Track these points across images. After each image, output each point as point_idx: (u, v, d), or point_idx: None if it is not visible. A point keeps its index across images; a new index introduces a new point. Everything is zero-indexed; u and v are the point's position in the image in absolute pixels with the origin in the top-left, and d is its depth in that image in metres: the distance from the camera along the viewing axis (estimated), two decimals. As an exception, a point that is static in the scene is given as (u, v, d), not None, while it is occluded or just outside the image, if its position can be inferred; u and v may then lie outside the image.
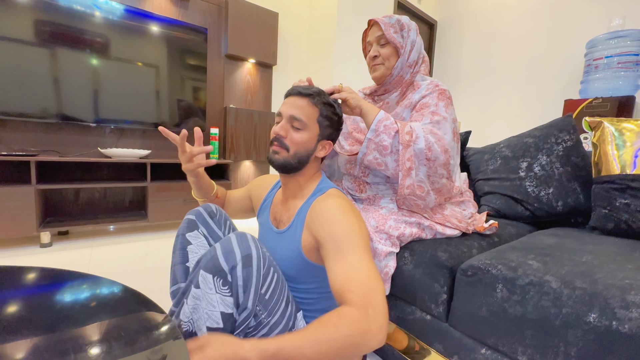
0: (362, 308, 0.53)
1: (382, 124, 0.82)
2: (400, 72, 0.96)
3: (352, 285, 0.56)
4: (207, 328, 0.60)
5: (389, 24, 0.93)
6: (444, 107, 0.87)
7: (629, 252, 0.79)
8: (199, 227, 0.80)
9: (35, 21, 1.77)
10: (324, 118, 0.76)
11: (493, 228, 1.00)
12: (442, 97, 0.89)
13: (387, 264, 0.82)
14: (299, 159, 0.75)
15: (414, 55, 0.95)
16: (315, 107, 0.74)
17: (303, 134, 0.74)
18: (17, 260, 1.61)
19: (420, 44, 0.96)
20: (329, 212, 0.68)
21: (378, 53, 0.95)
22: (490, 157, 1.39)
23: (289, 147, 0.74)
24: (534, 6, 3.11)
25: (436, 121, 0.85)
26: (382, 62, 0.96)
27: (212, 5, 2.52)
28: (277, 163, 0.75)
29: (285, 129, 0.74)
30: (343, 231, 0.64)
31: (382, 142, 0.81)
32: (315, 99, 0.74)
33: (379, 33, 0.94)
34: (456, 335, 0.76)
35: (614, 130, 1.05)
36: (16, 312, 0.54)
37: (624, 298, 0.55)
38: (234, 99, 2.73)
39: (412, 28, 0.96)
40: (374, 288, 0.56)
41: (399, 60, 0.94)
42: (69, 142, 2.05)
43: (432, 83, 0.93)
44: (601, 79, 2.33)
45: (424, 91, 0.92)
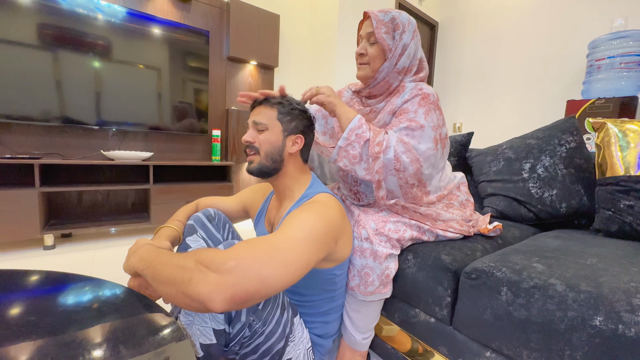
0: (226, 255, 0.49)
1: (354, 133, 0.81)
2: (386, 77, 0.90)
3: (246, 242, 0.54)
4: (200, 344, 0.61)
5: (382, 21, 0.86)
6: (423, 115, 0.82)
7: (633, 255, 0.78)
8: (197, 230, 0.81)
9: (38, 24, 1.78)
10: (284, 114, 0.78)
11: (497, 230, 0.99)
12: (423, 103, 0.84)
13: (387, 266, 0.82)
14: (271, 158, 0.77)
15: (404, 61, 0.88)
16: (271, 109, 0.78)
17: (267, 134, 0.77)
18: (20, 263, 1.62)
19: (414, 49, 0.88)
20: (303, 208, 0.68)
21: (365, 51, 0.89)
22: (493, 158, 1.38)
23: (258, 148, 0.77)
24: (536, 7, 3.10)
25: (411, 128, 0.81)
26: (367, 62, 0.90)
27: (214, 7, 2.53)
28: (255, 170, 0.78)
29: (252, 135, 0.78)
30: (297, 221, 0.61)
31: (352, 150, 0.81)
32: (269, 102, 0.79)
33: (370, 29, 0.87)
34: (460, 339, 0.76)
35: (618, 132, 1.04)
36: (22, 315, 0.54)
37: (630, 302, 0.54)
38: (236, 101, 2.73)
39: (408, 30, 0.87)
40: (257, 255, 0.50)
41: (384, 64, 0.88)
42: (72, 145, 2.06)
43: (416, 87, 0.87)
44: (603, 79, 2.32)
45: (407, 95, 0.87)
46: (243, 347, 0.67)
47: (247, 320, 0.65)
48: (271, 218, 0.86)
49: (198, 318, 0.61)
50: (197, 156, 2.59)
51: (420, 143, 0.81)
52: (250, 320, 0.65)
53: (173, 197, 2.17)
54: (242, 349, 0.67)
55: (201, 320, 0.61)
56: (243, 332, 0.65)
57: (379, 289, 0.81)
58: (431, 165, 0.84)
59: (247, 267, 0.48)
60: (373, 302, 0.85)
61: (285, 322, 0.70)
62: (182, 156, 2.52)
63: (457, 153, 1.54)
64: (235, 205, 0.97)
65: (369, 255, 0.79)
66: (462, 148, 1.55)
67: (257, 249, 0.51)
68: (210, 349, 0.62)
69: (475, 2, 3.62)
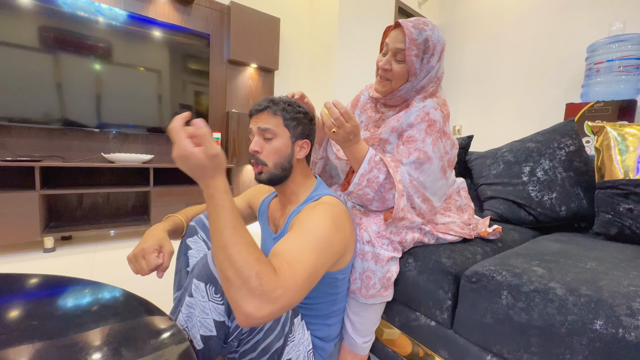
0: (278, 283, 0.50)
1: (365, 178, 0.81)
2: (404, 95, 0.90)
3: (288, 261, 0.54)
4: (200, 336, 0.61)
5: (415, 41, 0.81)
6: (431, 145, 0.82)
7: (633, 259, 0.78)
8: (198, 232, 0.81)
9: (39, 27, 1.79)
10: (290, 120, 0.76)
11: (497, 233, 1.00)
12: (430, 131, 0.82)
13: (389, 269, 0.82)
14: (281, 167, 0.76)
15: (425, 82, 0.87)
16: (276, 116, 0.75)
17: (276, 141, 0.75)
18: (20, 266, 1.62)
19: (436, 70, 0.87)
20: (311, 209, 0.69)
21: (390, 67, 0.86)
22: (492, 161, 1.39)
23: (265, 161, 0.75)
24: (535, 10, 3.12)
25: (420, 162, 0.81)
26: (390, 79, 0.88)
27: (215, 11, 2.54)
28: (264, 181, 0.77)
29: (260, 144, 0.75)
30: (311, 224, 0.63)
31: (365, 195, 0.82)
32: (272, 109, 0.75)
33: (401, 46, 0.83)
34: (461, 342, 0.76)
35: (617, 135, 1.05)
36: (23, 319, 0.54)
37: (630, 305, 0.54)
38: (236, 104, 2.74)
39: (436, 52, 0.84)
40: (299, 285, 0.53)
41: (406, 85, 0.87)
42: (72, 148, 2.06)
43: (423, 109, 0.85)
44: (602, 82, 2.33)
45: (412, 117, 0.84)
46: (242, 343, 0.67)
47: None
48: (275, 219, 0.85)
49: (199, 310, 0.62)
50: (197, 159, 2.59)
51: (428, 176, 0.83)
52: None
53: (173, 199, 2.17)
54: (241, 345, 0.67)
55: (202, 312, 0.61)
56: (241, 328, 0.65)
57: (380, 292, 0.81)
58: (438, 196, 0.87)
59: (289, 297, 0.51)
60: (374, 305, 0.85)
61: (284, 321, 0.70)
62: (183, 159, 2.52)
63: (457, 156, 1.55)
64: (240, 204, 0.99)
65: (371, 258, 0.79)
66: (461, 151, 1.55)
67: (298, 278, 0.53)
68: (210, 342, 0.62)
69: (474, 5, 3.64)
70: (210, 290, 0.62)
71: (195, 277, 0.63)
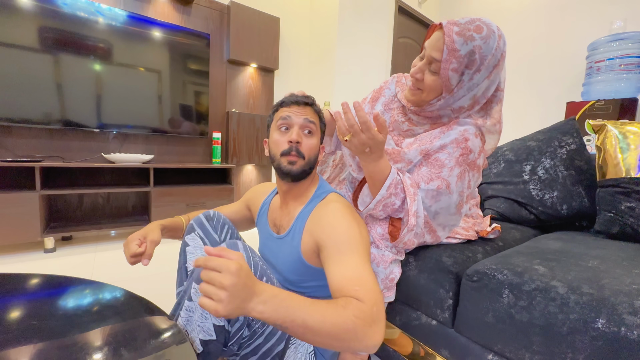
0: (369, 303, 0.52)
1: (382, 204, 0.76)
2: (437, 111, 0.78)
3: (356, 284, 0.56)
4: (200, 340, 0.61)
5: (456, 52, 0.67)
6: (456, 177, 0.73)
7: (635, 257, 0.78)
8: (195, 229, 0.82)
9: (39, 28, 1.79)
10: (322, 123, 0.79)
11: (496, 232, 0.99)
12: (461, 161, 0.73)
13: (392, 271, 0.81)
14: (310, 165, 0.76)
15: (464, 102, 0.73)
16: (316, 115, 0.77)
17: (314, 139, 0.76)
18: (21, 266, 1.62)
19: (483, 89, 0.72)
20: (330, 216, 0.69)
21: (422, 77, 0.74)
22: (493, 160, 1.38)
23: (304, 155, 0.73)
24: (535, 9, 3.11)
25: (439, 192, 0.74)
26: (421, 89, 0.76)
27: (215, 11, 2.54)
28: (295, 173, 0.73)
29: (301, 136, 0.73)
30: (344, 235, 0.65)
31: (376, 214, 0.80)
32: (316, 107, 0.78)
33: (437, 55, 0.69)
34: (462, 341, 0.76)
35: (618, 133, 1.04)
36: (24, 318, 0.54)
37: (632, 304, 0.54)
38: (236, 104, 2.74)
39: (486, 66, 0.68)
40: (377, 291, 0.56)
41: (439, 102, 0.75)
42: (72, 148, 2.06)
43: (463, 134, 0.73)
44: (603, 81, 2.32)
45: (447, 140, 0.74)
46: (242, 347, 0.67)
47: (245, 320, 0.65)
48: (276, 219, 0.85)
49: (198, 314, 0.61)
50: (197, 159, 2.59)
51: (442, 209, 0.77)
52: (249, 320, 0.65)
53: (173, 199, 2.17)
54: (242, 349, 0.67)
55: (201, 317, 0.61)
56: (242, 332, 0.65)
57: (382, 292, 0.81)
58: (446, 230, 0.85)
59: (381, 303, 0.55)
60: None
61: None
62: (183, 159, 2.52)
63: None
64: (239, 206, 0.99)
65: (374, 259, 0.79)
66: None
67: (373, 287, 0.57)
68: (210, 346, 0.62)
69: (474, 4, 3.63)
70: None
71: (195, 281, 0.63)
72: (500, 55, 0.69)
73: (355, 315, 0.50)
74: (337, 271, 0.60)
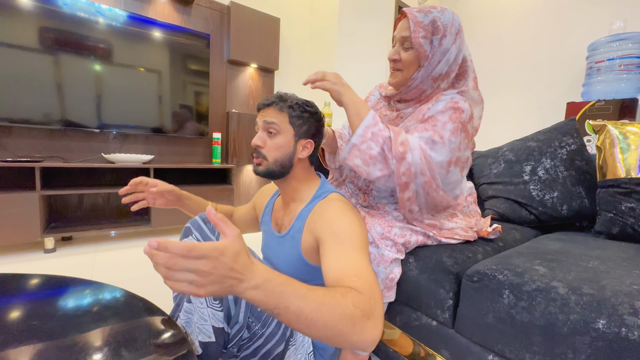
0: (367, 294, 0.51)
1: (370, 131, 0.75)
2: (419, 85, 0.83)
3: (353, 275, 0.54)
4: (199, 342, 0.61)
5: (421, 23, 0.76)
6: (449, 132, 0.76)
7: (635, 257, 0.78)
8: (192, 232, 0.82)
9: (39, 28, 1.79)
10: (295, 118, 0.76)
11: (497, 232, 0.99)
12: (454, 118, 0.77)
13: (392, 270, 0.81)
14: (280, 163, 0.76)
15: (441, 68, 0.80)
16: (282, 112, 0.75)
17: (279, 138, 0.75)
18: (21, 266, 1.62)
19: (454, 54, 0.79)
20: (331, 211, 0.70)
21: (399, 56, 0.82)
22: (493, 160, 1.38)
23: (266, 156, 0.76)
24: (535, 9, 3.11)
25: (433, 141, 0.76)
26: (400, 69, 0.83)
27: (215, 11, 2.54)
28: (261, 173, 0.77)
29: (262, 139, 0.76)
30: (344, 229, 0.64)
31: (369, 150, 0.75)
32: (278, 105, 0.76)
33: (406, 33, 0.78)
34: (463, 342, 0.76)
35: (618, 134, 1.04)
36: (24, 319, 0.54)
37: (633, 304, 0.54)
38: (236, 104, 2.74)
39: (450, 32, 0.77)
40: (376, 285, 0.55)
41: (419, 72, 0.81)
42: (73, 148, 2.06)
43: (452, 100, 0.79)
44: (603, 81, 2.32)
45: (440, 106, 0.79)
46: (242, 349, 0.67)
47: (245, 322, 0.65)
48: (278, 219, 0.85)
49: (197, 316, 0.61)
50: (197, 159, 2.59)
51: (436, 157, 0.77)
52: (249, 322, 0.65)
53: (174, 199, 2.17)
54: (242, 351, 0.67)
55: (200, 319, 0.61)
56: (241, 334, 0.65)
57: (383, 292, 0.81)
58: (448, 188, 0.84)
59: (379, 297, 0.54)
60: (376, 305, 0.84)
61: (286, 326, 0.69)
62: (183, 159, 2.52)
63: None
64: (249, 207, 1.03)
65: (374, 259, 0.79)
66: (462, 150, 1.55)
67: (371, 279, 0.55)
68: (209, 348, 0.61)
69: (474, 5, 3.63)
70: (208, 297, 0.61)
71: None
72: (458, 25, 0.79)
73: (354, 304, 0.47)
74: (335, 262, 0.58)
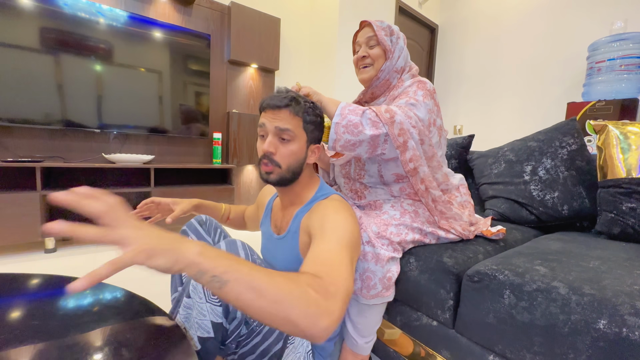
0: (326, 279, 0.47)
1: (347, 109, 0.81)
2: (387, 76, 0.97)
3: (321, 264, 0.52)
4: (198, 337, 0.61)
5: (381, 27, 0.96)
6: (422, 96, 0.88)
7: (636, 257, 0.78)
8: (189, 234, 0.82)
9: (40, 29, 1.79)
10: (309, 124, 0.73)
11: (500, 234, 0.99)
12: (421, 86, 0.90)
13: (389, 269, 0.81)
14: (293, 171, 0.73)
15: (401, 62, 0.97)
16: (296, 117, 0.71)
17: (293, 145, 0.71)
18: (22, 266, 1.62)
19: (406, 55, 0.99)
20: (324, 208, 0.70)
21: (367, 53, 0.97)
22: (494, 161, 1.38)
23: (280, 163, 0.71)
24: (535, 10, 3.11)
25: (412, 104, 0.86)
26: (371, 63, 0.97)
27: (215, 11, 2.54)
28: (273, 181, 0.74)
29: (274, 145, 0.70)
30: (331, 225, 0.63)
31: (351, 121, 0.79)
32: (294, 108, 0.70)
33: (370, 34, 0.96)
34: (463, 342, 0.76)
35: (619, 134, 1.04)
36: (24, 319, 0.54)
37: (634, 304, 0.54)
38: (237, 104, 2.74)
39: (401, 37, 0.99)
40: (343, 278, 0.51)
41: (386, 63, 0.96)
42: (73, 148, 2.07)
43: (415, 78, 0.96)
44: (604, 81, 2.32)
45: (406, 84, 0.95)
46: (240, 345, 0.67)
47: (243, 317, 0.65)
48: (277, 220, 0.85)
49: (196, 311, 0.61)
50: (198, 159, 2.59)
51: (418, 112, 0.86)
52: (247, 318, 0.65)
53: (174, 200, 2.17)
54: (240, 347, 0.67)
55: (199, 314, 0.61)
56: (240, 330, 0.65)
57: (381, 292, 0.80)
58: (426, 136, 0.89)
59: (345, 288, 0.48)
60: (375, 305, 0.84)
61: None
62: (183, 159, 2.52)
63: (458, 155, 1.54)
64: (254, 207, 1.04)
65: (371, 258, 0.79)
66: (463, 150, 1.55)
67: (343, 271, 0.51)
68: (208, 344, 0.61)
69: (475, 5, 3.63)
70: (207, 292, 0.61)
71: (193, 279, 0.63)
72: (402, 34, 1.00)
73: (308, 283, 0.45)
74: (311, 253, 0.55)
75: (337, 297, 0.46)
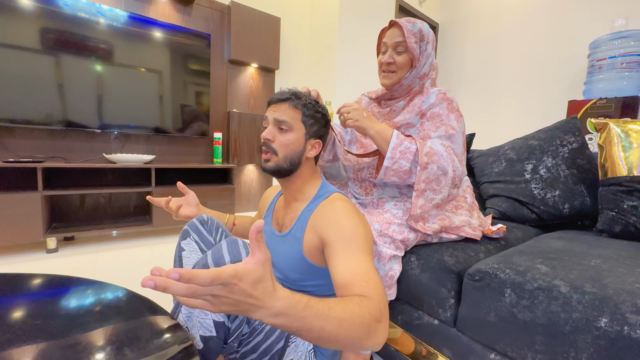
0: (377, 299, 0.52)
1: (398, 151, 0.83)
2: (410, 83, 0.95)
3: (363, 280, 0.56)
4: (200, 336, 0.61)
5: (411, 31, 0.90)
6: (455, 120, 0.89)
7: (637, 256, 0.78)
8: (190, 234, 0.82)
9: (40, 29, 1.79)
10: (308, 117, 0.77)
11: (501, 232, 0.99)
12: (451, 109, 0.90)
13: (391, 267, 0.81)
14: (290, 160, 0.76)
15: (426, 68, 0.94)
16: (296, 109, 0.75)
17: (290, 135, 0.75)
18: (23, 266, 1.62)
19: (433, 56, 0.96)
20: (335, 213, 0.70)
21: (393, 60, 0.93)
22: (495, 159, 1.38)
23: (277, 150, 0.75)
24: (536, 8, 3.10)
25: (449, 135, 0.87)
26: (395, 70, 0.94)
27: (215, 11, 2.54)
28: (270, 169, 0.77)
29: (272, 133, 0.76)
30: (350, 231, 0.65)
31: (402, 168, 0.83)
32: (294, 101, 0.75)
33: (399, 39, 0.91)
34: (464, 341, 0.76)
35: (620, 132, 1.04)
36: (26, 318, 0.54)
37: (635, 303, 0.54)
38: (237, 104, 2.75)
39: (430, 40, 0.93)
40: (382, 287, 0.56)
41: (412, 72, 0.93)
42: (74, 148, 2.07)
43: (440, 92, 0.92)
44: (605, 79, 2.32)
45: (432, 99, 0.91)
46: (242, 344, 0.67)
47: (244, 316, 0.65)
48: (279, 218, 0.85)
49: (198, 310, 0.61)
50: (198, 159, 2.60)
51: (457, 147, 0.88)
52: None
53: (175, 199, 2.17)
54: (242, 346, 0.67)
55: (201, 312, 0.61)
56: (242, 329, 0.65)
57: (384, 290, 0.81)
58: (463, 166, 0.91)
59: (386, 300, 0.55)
60: (377, 304, 0.84)
61: None
62: (184, 159, 2.53)
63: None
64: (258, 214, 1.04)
65: (373, 256, 0.79)
66: (463, 149, 1.55)
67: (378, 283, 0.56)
68: (210, 342, 0.62)
69: (475, 3, 3.62)
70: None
71: None
72: (432, 35, 0.94)
73: (370, 312, 0.49)
74: (343, 266, 0.60)
75: (385, 311, 0.53)
